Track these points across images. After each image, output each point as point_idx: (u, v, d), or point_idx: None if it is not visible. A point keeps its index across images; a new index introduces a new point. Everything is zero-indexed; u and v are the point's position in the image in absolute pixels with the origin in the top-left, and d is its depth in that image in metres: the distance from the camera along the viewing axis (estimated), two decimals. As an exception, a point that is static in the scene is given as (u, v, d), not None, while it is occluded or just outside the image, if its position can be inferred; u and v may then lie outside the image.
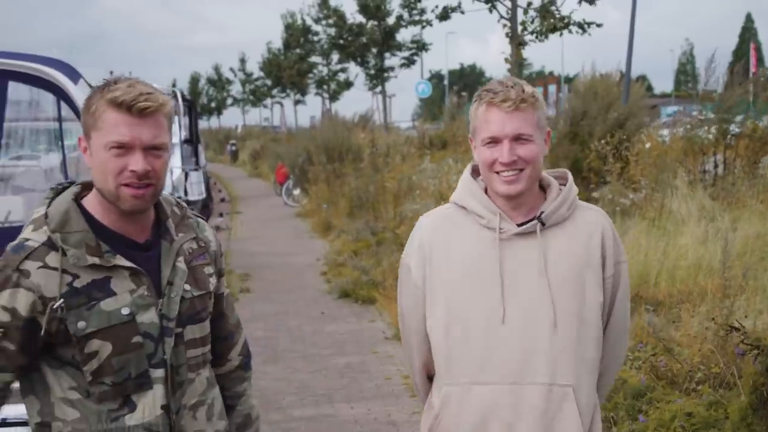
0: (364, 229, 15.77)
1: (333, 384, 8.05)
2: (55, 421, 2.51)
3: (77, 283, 2.45)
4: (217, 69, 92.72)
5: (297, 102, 61.25)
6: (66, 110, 6.22)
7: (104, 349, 2.46)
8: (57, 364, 2.50)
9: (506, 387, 2.71)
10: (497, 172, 2.72)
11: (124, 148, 2.44)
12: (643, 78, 33.06)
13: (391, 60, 45.76)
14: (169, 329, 2.55)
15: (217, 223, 21.11)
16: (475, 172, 2.91)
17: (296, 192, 25.56)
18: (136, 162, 2.43)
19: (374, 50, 40.23)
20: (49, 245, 2.46)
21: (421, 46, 41.58)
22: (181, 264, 2.63)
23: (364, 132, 26.70)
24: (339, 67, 52.26)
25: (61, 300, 2.42)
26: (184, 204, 2.78)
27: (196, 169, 19.87)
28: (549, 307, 2.70)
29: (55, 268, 2.44)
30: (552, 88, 41.17)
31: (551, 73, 78.06)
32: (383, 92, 38.68)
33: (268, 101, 75.80)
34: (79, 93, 5.89)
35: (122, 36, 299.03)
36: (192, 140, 21.23)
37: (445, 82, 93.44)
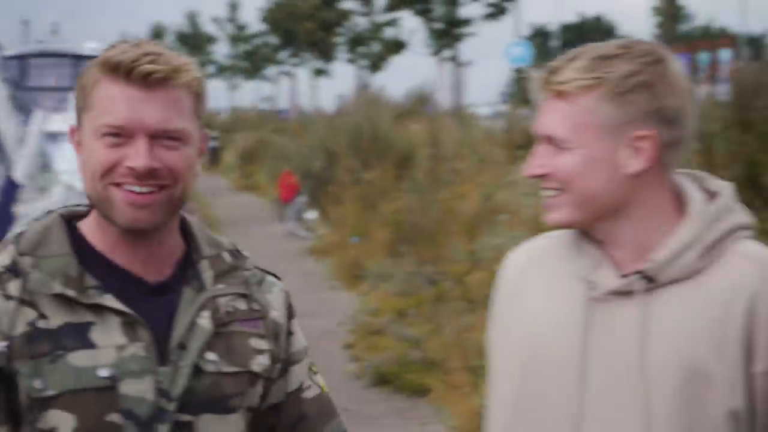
0: (415, 276, 13.26)
1: None
2: None
3: (42, 324, 1.99)
4: (192, 18, 71.59)
5: (318, 72, 50.64)
6: None
7: (63, 426, 1.96)
8: None
9: None
10: None
11: (120, 135, 1.94)
12: None
13: (469, 8, 35.64)
14: (166, 413, 1.99)
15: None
16: None
17: (310, 216, 20.21)
18: (136, 154, 1.94)
19: (443, -8, 29.65)
20: (13, 270, 2.01)
21: (516, -12, 29.98)
22: (205, 321, 2.07)
23: (419, 121, 21.91)
24: (386, 17, 42.42)
25: (5, 342, 1.96)
26: (247, 254, 2.23)
27: None
28: (639, 416, 2.12)
29: (12, 298, 2.00)
30: (726, 54, 34.80)
31: (724, 32, 64.51)
32: (456, 59, 27.99)
33: (272, 70, 61.14)
34: None
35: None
36: None
37: (554, 42, 71.29)
